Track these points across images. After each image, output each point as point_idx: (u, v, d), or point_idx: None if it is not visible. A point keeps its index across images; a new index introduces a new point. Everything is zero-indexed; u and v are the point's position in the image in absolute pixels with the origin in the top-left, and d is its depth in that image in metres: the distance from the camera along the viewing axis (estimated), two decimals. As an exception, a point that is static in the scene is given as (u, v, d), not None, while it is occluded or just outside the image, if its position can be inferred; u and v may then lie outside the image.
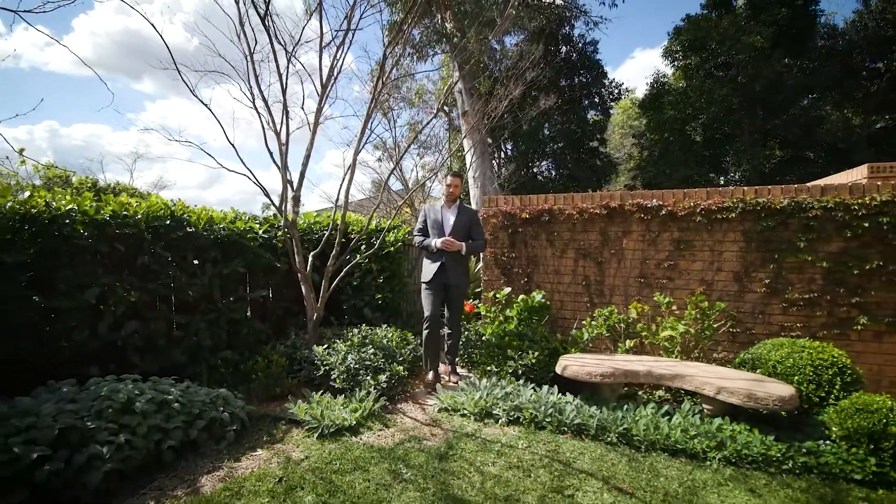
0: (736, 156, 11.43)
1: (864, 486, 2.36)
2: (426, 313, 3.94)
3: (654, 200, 4.22)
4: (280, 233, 4.58)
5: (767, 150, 11.21)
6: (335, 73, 4.06)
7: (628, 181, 15.93)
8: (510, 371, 3.68)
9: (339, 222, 4.47)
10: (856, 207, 3.59)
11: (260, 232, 4.45)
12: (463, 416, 3.26)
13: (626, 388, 3.55)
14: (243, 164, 4.10)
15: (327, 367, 3.65)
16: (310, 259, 4.34)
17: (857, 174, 4.19)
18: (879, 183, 3.66)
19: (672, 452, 2.69)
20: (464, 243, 3.94)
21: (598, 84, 12.79)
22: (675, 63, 12.74)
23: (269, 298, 4.67)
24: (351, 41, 4.29)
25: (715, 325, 3.73)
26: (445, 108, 12.80)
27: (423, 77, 14.71)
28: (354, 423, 3.03)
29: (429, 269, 4.02)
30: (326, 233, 4.66)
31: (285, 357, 3.84)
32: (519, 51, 12.80)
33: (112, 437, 2.29)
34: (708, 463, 2.58)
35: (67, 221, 2.96)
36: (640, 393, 3.67)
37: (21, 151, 2.72)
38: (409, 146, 10.84)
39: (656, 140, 13.03)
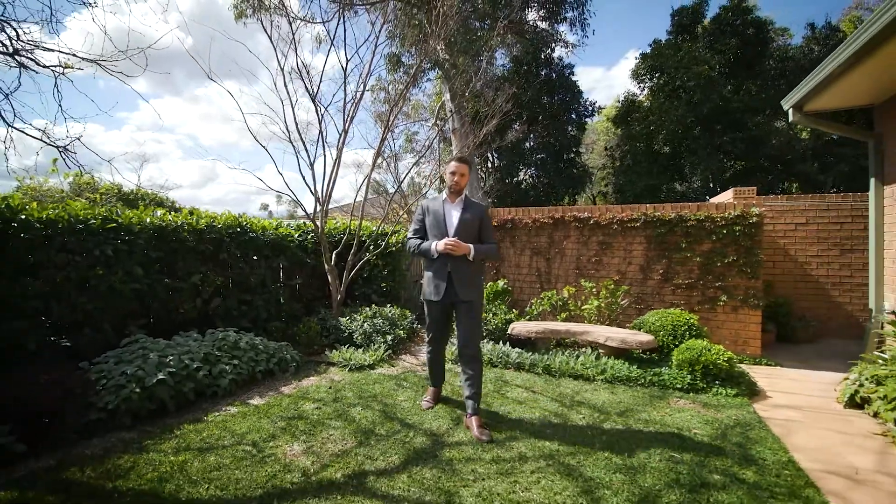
0: (693, 167, 13.05)
1: (681, 391, 3.92)
2: (429, 344, 3.45)
3: (586, 213, 5.79)
4: (310, 237, 6.13)
5: (719, 163, 12.80)
6: (352, 118, 5.63)
7: (602, 188, 17.53)
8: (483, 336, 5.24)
9: (354, 230, 6.03)
10: (719, 219, 5.17)
11: (296, 236, 5.99)
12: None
13: (554, 342, 5.10)
14: (286, 185, 5.65)
15: (350, 331, 5.20)
16: (333, 256, 5.88)
17: (728, 196, 5.74)
18: (736, 202, 5.24)
19: (574, 377, 4.25)
20: (472, 245, 3.11)
21: (574, 102, 14.37)
22: (642, 84, 14.38)
23: (301, 285, 6.20)
24: (363, 94, 5.84)
25: (621, 302, 5.31)
26: (438, 122, 14.34)
27: (419, 92, 16.32)
28: (371, 362, 4.58)
29: (431, 282, 3.21)
30: (344, 237, 6.20)
31: (319, 325, 5.38)
32: (504, 71, 14.40)
33: (229, 362, 3.84)
34: (594, 382, 4.14)
35: (181, 230, 4.49)
36: (565, 343, 5.24)
37: (55, 161, 4.15)
38: (409, 173, 12.38)
39: (626, 151, 14.65)
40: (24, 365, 3.20)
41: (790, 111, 5.07)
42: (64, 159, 4.16)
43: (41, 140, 4.04)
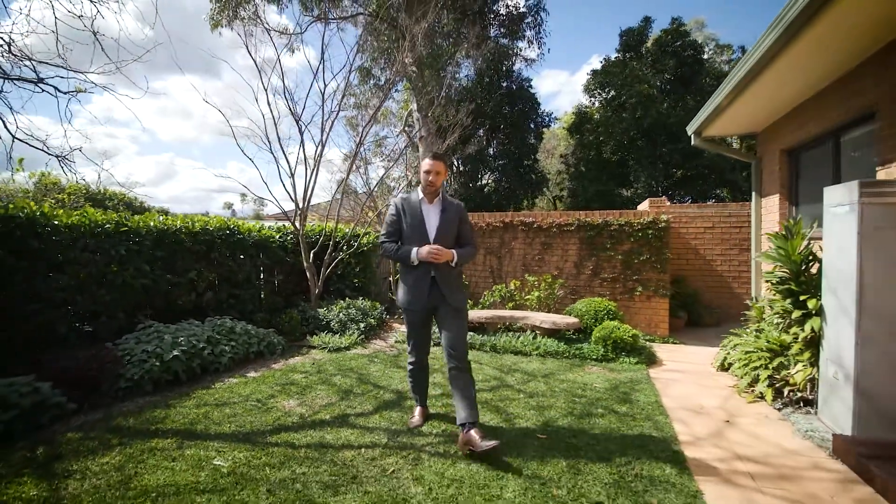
0: (637, 174, 14.44)
1: (596, 361, 4.94)
2: (411, 354, 3.15)
3: (531, 218, 6.80)
4: (289, 237, 6.86)
5: (660, 171, 14.24)
6: (328, 132, 6.42)
7: (558, 192, 18.83)
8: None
9: (330, 232, 6.81)
10: (636, 224, 6.27)
11: (277, 237, 6.71)
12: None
13: (501, 326, 6.07)
14: (272, 195, 6.37)
15: (328, 320, 5.99)
16: (311, 255, 6.64)
17: (646, 205, 6.89)
18: (650, 210, 6.36)
19: (515, 353, 5.21)
20: (454, 251, 2.95)
21: (533, 113, 15.55)
22: (592, 98, 15.72)
23: (281, 281, 6.92)
24: (338, 114, 6.63)
25: (558, 293, 6.34)
26: (407, 129, 15.17)
27: (388, 99, 17.11)
28: (347, 345, 5.40)
29: (411, 287, 2.97)
30: (320, 238, 6.96)
31: (299, 316, 6.13)
32: (469, 82, 15.39)
33: (228, 343, 4.58)
34: (530, 356, 5.12)
35: (179, 233, 5.17)
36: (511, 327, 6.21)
37: (21, 161, 4.81)
38: (383, 178, 13.14)
39: (580, 158, 15.94)
40: (58, 345, 3.88)
41: (692, 136, 6.22)
42: (62, 167, 4.83)
43: (43, 150, 4.70)
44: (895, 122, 3.48)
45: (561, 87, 60.49)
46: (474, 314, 5.88)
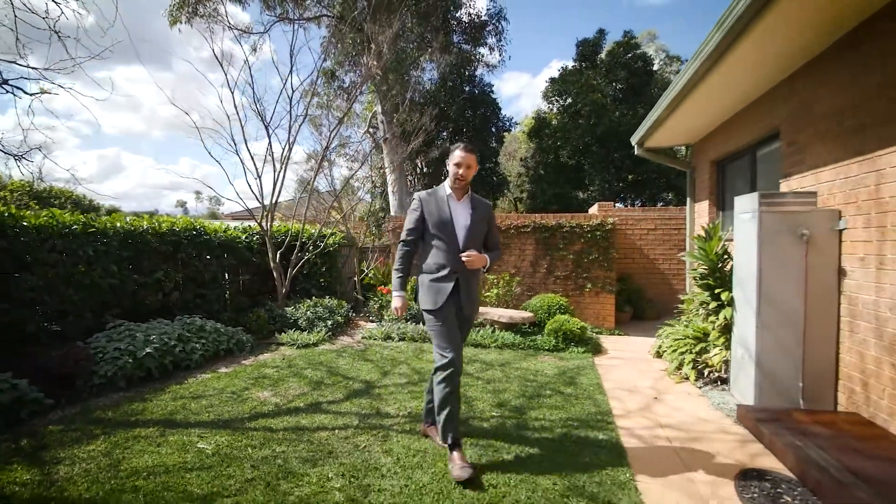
0: (591, 178, 15.26)
1: (548, 351, 5.41)
2: (447, 356, 2.57)
3: (490, 220, 7.22)
4: (255, 238, 6.98)
5: (612, 176, 15.11)
6: (296, 134, 6.60)
7: (519, 194, 19.51)
8: (404, 317, 6.47)
9: (296, 232, 6.99)
10: (586, 226, 6.82)
11: (243, 238, 6.82)
12: (375, 339, 5.96)
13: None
14: (237, 194, 6.48)
15: (295, 318, 6.19)
16: (277, 255, 6.80)
17: (595, 208, 7.48)
18: (599, 213, 6.93)
19: (475, 346, 5.60)
20: (487, 256, 2.76)
21: (494, 117, 16.07)
22: (551, 104, 16.45)
23: (247, 281, 7.03)
24: (304, 119, 6.82)
25: (515, 290, 6.80)
26: (371, 130, 15.33)
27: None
28: (315, 341, 5.63)
29: (435, 288, 2.68)
30: (286, 238, 7.12)
31: (266, 315, 6.28)
32: (432, 85, 15.73)
33: (198, 341, 4.73)
34: (488, 348, 5.52)
35: (146, 234, 5.24)
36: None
37: None
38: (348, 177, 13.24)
39: (539, 162, 16.62)
40: (27, 344, 3.94)
41: (636, 146, 6.83)
42: (18, 167, 4.85)
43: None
44: (794, 141, 4.11)
45: (522, 89, 62.04)
46: (437, 310, 6.24)
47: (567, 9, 61.22)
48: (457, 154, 2.71)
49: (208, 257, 6.14)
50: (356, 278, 8.59)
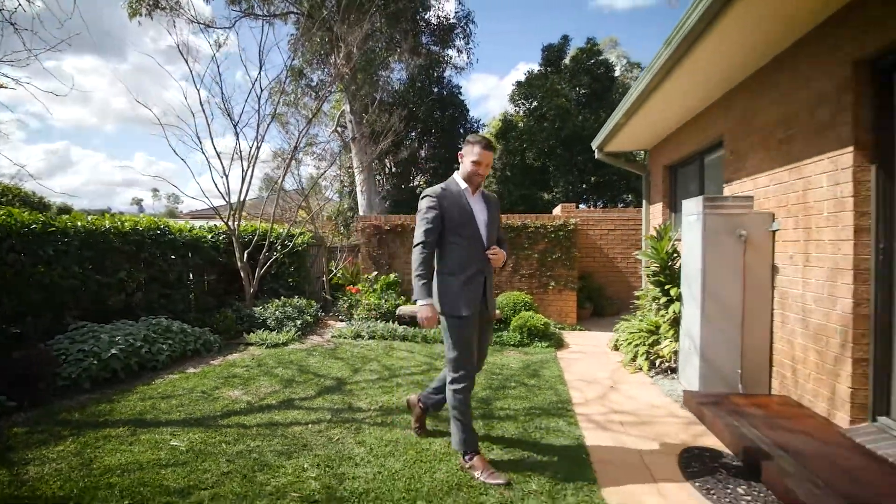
0: (556, 180, 15.74)
1: (514, 346, 5.64)
2: (469, 370, 2.56)
3: (459, 220, 7.41)
4: (221, 237, 6.90)
5: (576, 178, 15.65)
6: (264, 135, 6.58)
7: (487, 195, 19.87)
8: (373, 316, 6.57)
9: (264, 232, 6.95)
10: (549, 227, 7.11)
11: (209, 237, 6.73)
12: (345, 338, 6.03)
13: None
14: (203, 193, 6.40)
15: (264, 318, 6.17)
16: (245, 255, 6.74)
17: (559, 209, 7.82)
18: (561, 214, 7.23)
19: (444, 342, 5.76)
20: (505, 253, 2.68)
21: (462, 119, 16.32)
22: (517, 107, 16.85)
23: (214, 281, 6.93)
24: (272, 119, 6.80)
25: (483, 288, 7.01)
26: (339, 129, 15.25)
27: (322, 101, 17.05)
28: (285, 341, 5.65)
29: (465, 291, 2.54)
30: (254, 238, 7.06)
31: (234, 315, 6.24)
32: (401, 86, 15.81)
33: (165, 342, 4.68)
34: (457, 345, 5.70)
35: (108, 233, 5.12)
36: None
37: None
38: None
39: (506, 163, 16.98)
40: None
41: (596, 150, 7.18)
42: None
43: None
44: (735, 150, 4.48)
45: (490, 91, 62.80)
46: (407, 309, 6.37)
47: (533, 12, 62.50)
48: (477, 151, 2.57)
49: (173, 257, 6.04)
50: (325, 278, 8.60)
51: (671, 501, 2.28)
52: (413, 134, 15.63)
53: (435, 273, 2.63)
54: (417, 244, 2.54)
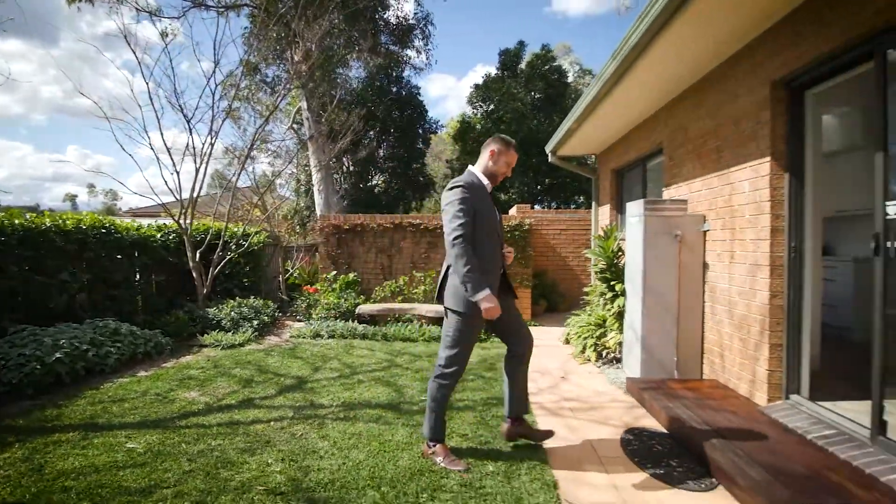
0: (512, 181, 16.17)
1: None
2: (460, 366, 2.59)
3: (418, 220, 7.54)
4: (171, 236, 6.67)
5: (532, 180, 16.16)
6: (217, 132, 6.42)
7: (445, 195, 20.11)
8: (333, 315, 6.57)
9: (217, 231, 6.78)
10: (506, 227, 7.36)
11: (158, 236, 6.48)
12: (304, 338, 6.01)
13: (392, 318, 6.71)
14: (154, 193, 6.16)
15: (218, 319, 6.04)
16: (197, 255, 6.55)
17: (515, 210, 8.12)
18: (517, 214, 7.51)
19: (404, 340, 5.88)
20: None
21: (421, 119, 16.42)
22: (475, 109, 17.17)
23: (164, 281, 6.68)
24: (227, 116, 6.64)
25: (442, 287, 7.17)
26: (295, 126, 14.95)
27: (275, 94, 16.63)
28: (241, 342, 5.56)
29: (482, 287, 2.38)
30: (207, 237, 6.87)
31: (186, 316, 6.05)
32: (360, 84, 15.70)
33: (113, 344, 4.51)
34: (416, 342, 5.83)
35: (49, 232, 4.85)
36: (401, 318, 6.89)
37: None
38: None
39: (464, 164, 17.26)
40: None
41: (550, 154, 7.51)
42: None
43: None
44: (672, 157, 4.88)
45: (449, 91, 63.22)
46: (366, 308, 6.43)
47: (490, 14, 63.56)
48: (512, 153, 2.67)
49: (119, 257, 5.79)
50: (281, 278, 8.47)
51: (612, 475, 2.52)
52: (372, 133, 15.57)
53: (452, 270, 2.51)
54: (457, 238, 2.39)
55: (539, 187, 16.93)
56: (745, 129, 3.55)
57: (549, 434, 2.90)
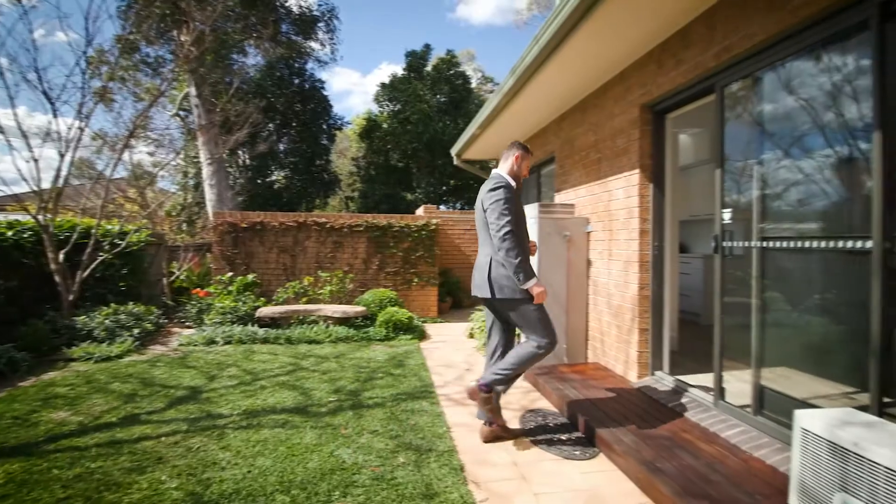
0: (419, 181, 16.44)
1: (380, 340, 5.88)
2: (553, 336, 2.92)
3: (324, 219, 7.36)
4: (26, 234, 5.72)
5: (437, 180, 16.56)
6: (87, 119, 5.65)
7: (350, 192, 19.74)
8: (229, 320, 6.15)
9: (86, 229, 5.97)
10: (413, 226, 7.51)
11: (10, 234, 5.53)
12: (196, 345, 5.56)
13: (297, 320, 6.48)
14: (4, 183, 5.22)
15: (89, 329, 5.33)
16: (61, 256, 5.71)
17: (421, 210, 8.35)
18: (424, 215, 7.69)
19: (309, 342, 5.72)
20: None
21: (325, 114, 15.94)
22: (382, 108, 17.12)
23: (17, 287, 5.70)
24: (91, 113, 5.88)
25: (349, 286, 7.10)
26: (180, 113, 13.58)
27: (157, 76, 14.89)
28: (119, 353, 4.98)
29: (532, 275, 2.81)
30: (74, 234, 6.01)
31: (47, 327, 5.25)
32: (258, 73, 14.72)
33: (-52, 363, 3.77)
34: (323, 343, 5.71)
35: None
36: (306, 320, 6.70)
37: None
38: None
39: (370, 162, 17.10)
40: None
41: (454, 157, 7.81)
42: None
43: None
44: (563, 165, 5.40)
45: (353, 86, 61.64)
46: (267, 310, 6.13)
47: (396, 13, 63.38)
48: (530, 157, 3.06)
49: (-46, 259, 4.84)
50: (165, 280, 7.69)
51: (511, 453, 2.78)
52: (272, 126, 14.74)
53: (500, 262, 2.80)
54: (507, 233, 2.71)
55: (444, 188, 17.40)
56: (619, 144, 4.08)
57: (523, 432, 3.10)
